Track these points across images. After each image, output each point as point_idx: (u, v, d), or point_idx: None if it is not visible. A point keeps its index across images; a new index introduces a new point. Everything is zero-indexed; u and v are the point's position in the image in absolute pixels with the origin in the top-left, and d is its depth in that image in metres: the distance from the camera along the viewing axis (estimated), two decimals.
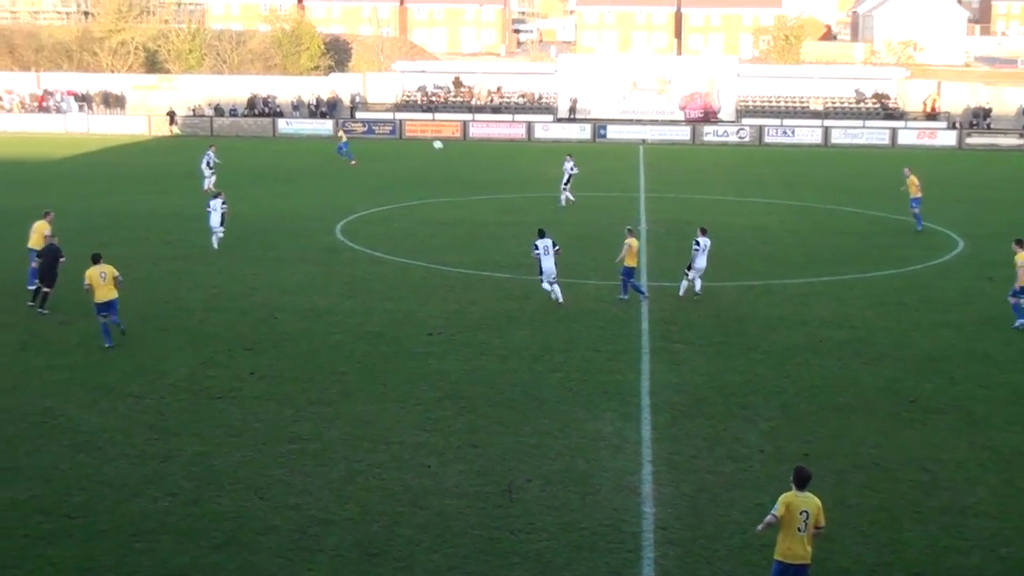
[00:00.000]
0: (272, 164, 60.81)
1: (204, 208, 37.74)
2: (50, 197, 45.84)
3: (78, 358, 24.31)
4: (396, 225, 41.87)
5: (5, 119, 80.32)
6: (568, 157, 47.94)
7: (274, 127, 78.01)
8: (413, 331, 26.65)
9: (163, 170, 57.32)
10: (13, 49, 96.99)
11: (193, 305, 29.06)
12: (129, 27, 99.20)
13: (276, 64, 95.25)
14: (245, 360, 24.23)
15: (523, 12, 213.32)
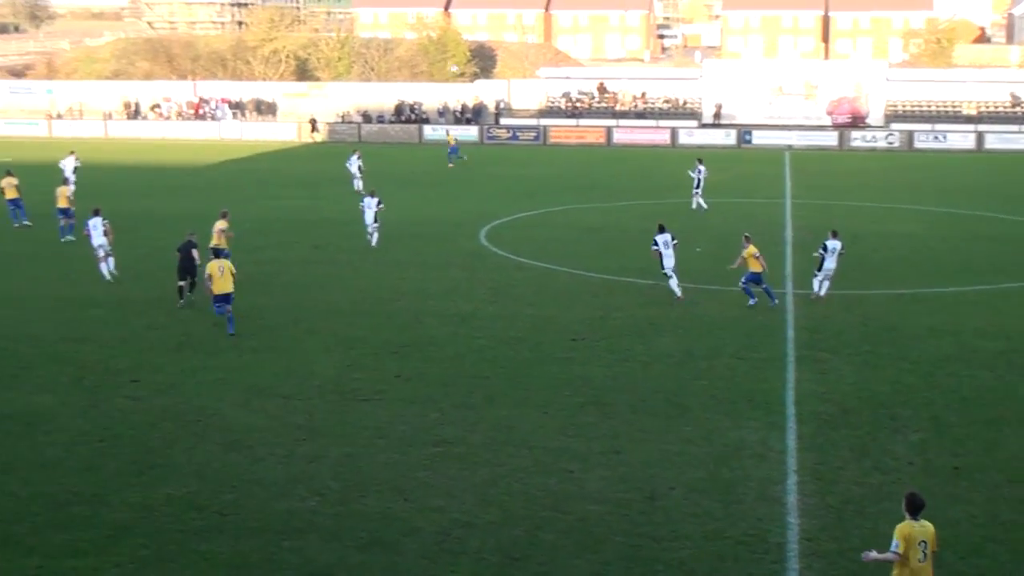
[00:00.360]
0: (418, 170, 61.59)
1: (352, 213, 38.45)
2: (203, 202, 47.21)
3: (230, 359, 24.94)
4: (540, 231, 42.01)
5: (163, 126, 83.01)
6: (698, 162, 47.63)
7: (420, 133, 78.98)
8: (556, 337, 26.70)
9: (312, 176, 58.50)
10: (172, 59, 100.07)
11: (341, 308, 29.58)
12: (281, 36, 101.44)
13: (422, 71, 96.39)
14: (391, 363, 24.56)
15: (668, 17, 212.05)
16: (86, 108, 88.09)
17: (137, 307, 29.66)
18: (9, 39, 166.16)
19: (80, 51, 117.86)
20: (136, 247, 37.86)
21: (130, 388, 22.83)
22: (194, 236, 30.32)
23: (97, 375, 23.70)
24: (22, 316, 28.84)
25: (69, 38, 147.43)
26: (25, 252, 37.64)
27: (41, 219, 43.60)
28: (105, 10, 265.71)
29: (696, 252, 37.01)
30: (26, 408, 21.61)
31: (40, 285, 32.61)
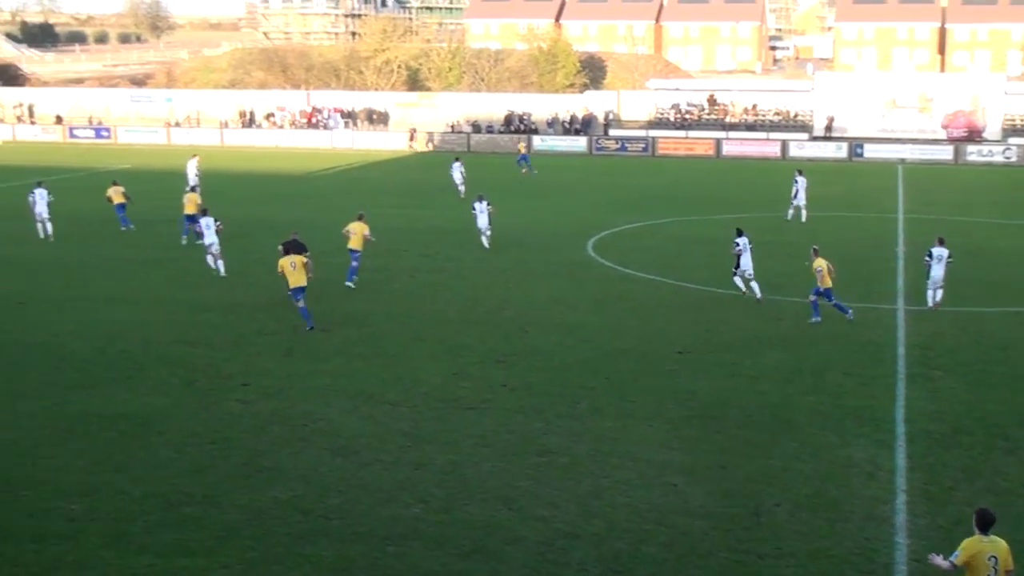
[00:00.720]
0: (526, 179, 61.74)
1: (460, 222, 38.67)
2: (315, 209, 47.88)
3: (339, 365, 25.23)
4: (647, 242, 41.82)
5: (277, 134, 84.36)
6: (798, 172, 47.30)
7: (529, 143, 79.16)
8: (662, 349, 26.54)
9: (422, 185, 58.97)
10: (286, 68, 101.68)
11: (449, 317, 29.75)
12: (393, 47, 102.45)
13: (532, 82, 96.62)
14: (497, 372, 24.63)
15: (780, 29, 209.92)
16: (203, 116, 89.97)
17: (248, 312, 30.18)
18: (131, 49, 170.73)
19: (198, 61, 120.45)
20: (249, 252, 38.51)
21: (240, 392, 23.23)
22: (297, 234, 30.95)
23: (209, 378, 24.17)
24: (138, 319, 29.52)
25: (188, 48, 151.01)
26: (141, 257, 38.51)
27: (155, 225, 44.67)
28: (223, 21, 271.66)
29: (806, 267, 36.50)
30: (141, 409, 22.10)
31: (155, 289, 33.35)
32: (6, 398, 22.87)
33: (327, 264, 36.54)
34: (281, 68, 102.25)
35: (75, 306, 31.21)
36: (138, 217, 45.63)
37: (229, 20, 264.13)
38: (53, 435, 20.70)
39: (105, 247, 40.52)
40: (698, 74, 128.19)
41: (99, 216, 45.98)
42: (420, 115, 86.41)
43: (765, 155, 74.66)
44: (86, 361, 25.53)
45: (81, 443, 20.26)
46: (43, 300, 31.95)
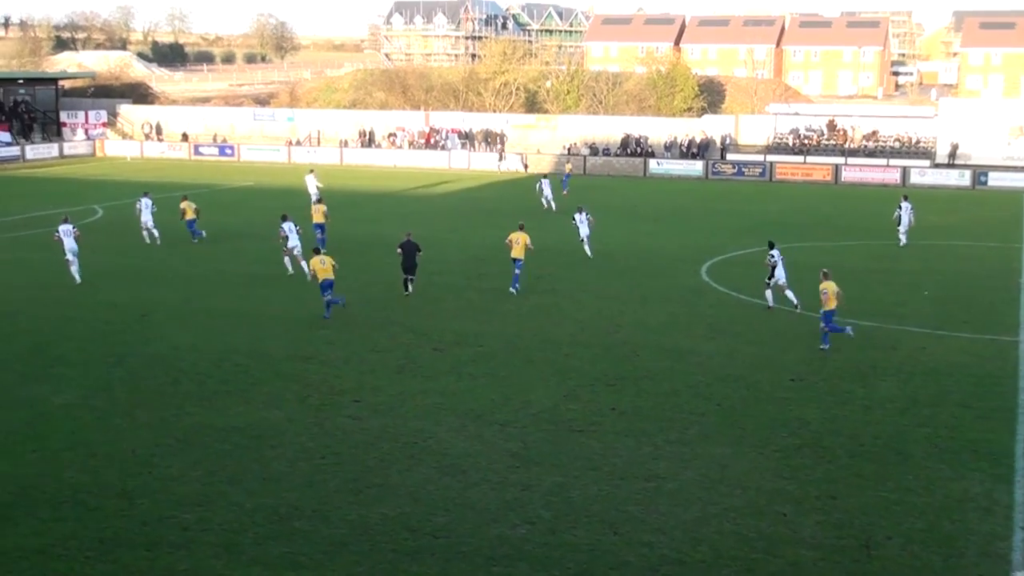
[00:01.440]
0: (641, 203, 61.54)
1: (574, 243, 38.68)
2: (430, 227, 48.26)
3: (449, 383, 25.39)
4: (762, 268, 41.27)
5: (395, 154, 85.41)
6: (903, 199, 47.21)
7: (645, 167, 78.97)
8: (774, 376, 26.21)
9: (536, 205, 59.05)
10: (406, 89, 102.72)
11: (559, 339, 29.76)
12: (512, 69, 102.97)
13: (650, 105, 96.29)
14: (607, 395, 24.56)
15: (903, 54, 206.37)
16: (323, 135, 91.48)
17: (361, 330, 30.54)
18: (256, 69, 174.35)
19: (321, 81, 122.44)
20: (365, 271, 39.00)
21: (352, 408, 23.51)
22: (411, 235, 34.72)
23: (321, 394, 24.50)
24: (255, 334, 30.07)
25: (311, 68, 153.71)
26: (260, 272, 39.19)
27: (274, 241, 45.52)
28: (346, 42, 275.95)
29: (924, 296, 35.81)
30: (255, 422, 22.49)
31: (272, 304, 33.93)
32: (126, 408, 23.47)
33: (438, 283, 36.88)
34: (401, 89, 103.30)
35: (195, 320, 31.91)
36: (256, 233, 46.52)
37: (352, 41, 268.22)
38: (170, 445, 21.17)
39: (226, 262, 41.35)
40: (818, 99, 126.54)
41: (221, 232, 46.99)
42: (538, 137, 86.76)
43: (885, 182, 73.37)
44: (203, 374, 26.07)
45: (196, 454, 20.69)
46: (164, 312, 32.74)
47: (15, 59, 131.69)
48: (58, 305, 33.85)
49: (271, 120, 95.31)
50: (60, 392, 24.63)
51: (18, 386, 25.15)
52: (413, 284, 35.05)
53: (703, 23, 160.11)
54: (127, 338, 29.64)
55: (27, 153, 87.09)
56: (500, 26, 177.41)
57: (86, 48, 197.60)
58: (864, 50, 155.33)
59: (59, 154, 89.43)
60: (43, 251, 43.22)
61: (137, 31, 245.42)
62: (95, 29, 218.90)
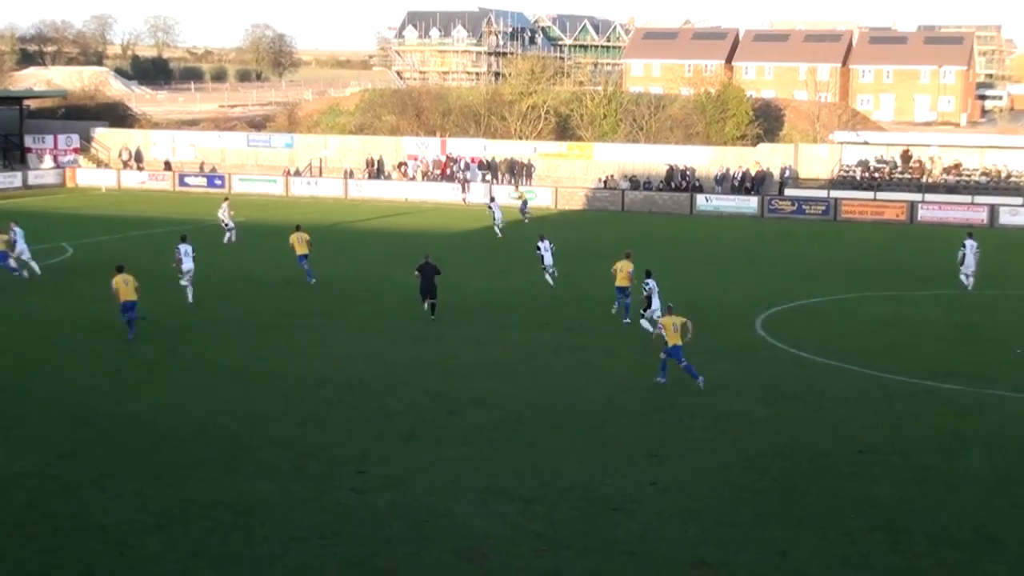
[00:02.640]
0: (687, 244, 61.57)
1: (610, 292, 38.72)
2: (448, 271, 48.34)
3: (467, 453, 25.33)
4: (825, 320, 41.25)
5: (408, 187, 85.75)
6: (968, 236, 47.73)
7: (692, 203, 79.07)
8: (840, 447, 26.05)
9: (569, 247, 59.12)
10: (420, 112, 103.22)
11: (593, 402, 29.68)
12: (541, 90, 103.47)
13: (697, 132, 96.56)
14: (647, 468, 24.45)
15: (991, 75, 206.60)
16: (326, 164, 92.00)
17: (368, 388, 30.57)
18: (250, 87, 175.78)
19: (323, 102, 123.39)
20: (373, 320, 39.13)
21: (355, 480, 23.47)
22: (430, 256, 37.55)
23: (320, 463, 24.48)
24: (245, 393, 30.12)
25: (312, 88, 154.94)
26: (253, 321, 39.37)
27: (271, 286, 45.71)
28: (352, 57, 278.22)
29: (1016, 355, 35.61)
30: (243, 496, 22.46)
31: (266, 358, 34.01)
32: (94, 476, 23.48)
33: (455, 336, 36.97)
34: (415, 112, 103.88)
35: (176, 375, 31.99)
36: (252, 277, 46.77)
37: (359, 56, 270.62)
38: (145, 522, 21.14)
39: (212, 309, 41.53)
40: (891, 126, 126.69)
41: (208, 275, 47.20)
42: (569, 168, 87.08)
43: (969, 221, 73.08)
44: (184, 439, 26.09)
45: (175, 532, 20.66)
46: (141, 367, 32.86)
47: None
48: (17, 356, 34.06)
49: (267, 146, 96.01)
50: (18, 458, 24.69)
51: None
52: (436, 308, 38.68)
53: (759, 38, 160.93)
54: (98, 396, 29.74)
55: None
56: (528, 40, 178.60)
57: (56, 63, 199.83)
58: (945, 70, 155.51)
59: (23, 184, 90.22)
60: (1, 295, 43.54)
61: (115, 44, 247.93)
62: (67, 41, 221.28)
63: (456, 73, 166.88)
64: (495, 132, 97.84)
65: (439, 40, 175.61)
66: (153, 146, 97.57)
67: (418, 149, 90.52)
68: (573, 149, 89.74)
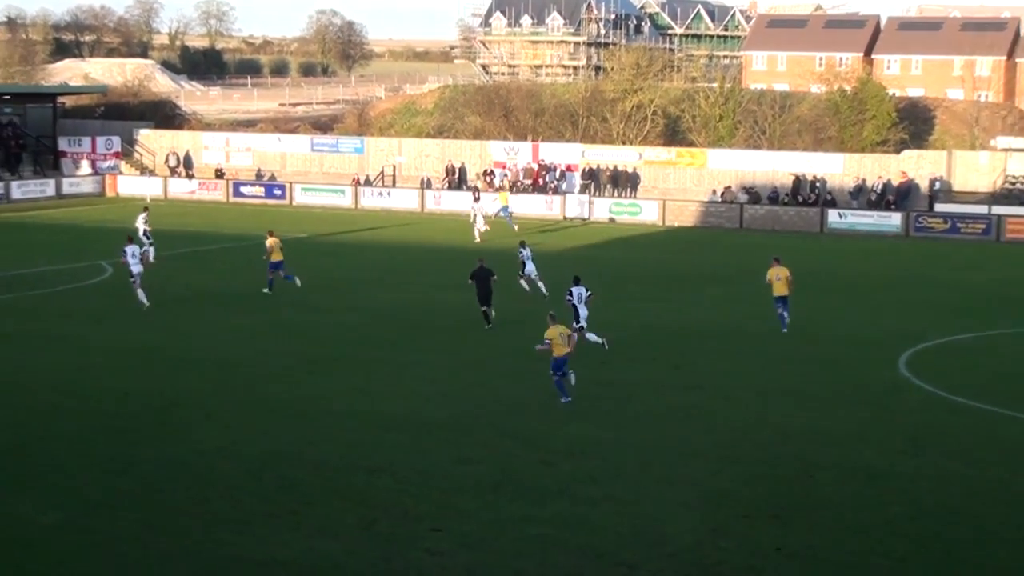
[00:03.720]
0: (817, 268, 60.97)
1: (725, 323, 38.52)
2: (535, 298, 48.48)
3: (560, 509, 25.31)
4: (983, 360, 40.75)
5: (493, 199, 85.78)
6: None
7: (822, 219, 78.46)
8: (1003, 509, 25.75)
9: (677, 270, 59.06)
10: (509, 112, 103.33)
11: (704, 451, 29.55)
12: (648, 87, 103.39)
13: (830, 136, 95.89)
14: (769, 530, 24.30)
15: None
16: (400, 172, 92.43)
17: (446, 433, 30.68)
18: (315, 83, 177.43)
19: (398, 100, 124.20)
20: (453, 353, 39.26)
21: (430, 539, 23.53)
22: (484, 261, 41.07)
23: (391, 519, 24.59)
24: (307, 435, 30.35)
25: (385, 84, 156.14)
26: (314, 355, 39.64)
27: (334, 312, 46.05)
28: (431, 48, 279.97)
29: None
30: (304, 556, 22.63)
31: (331, 397, 34.26)
32: (134, 531, 23.74)
33: (544, 375, 36.96)
34: (502, 112, 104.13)
35: (229, 415, 32.35)
36: (311, 304, 47.14)
37: (439, 47, 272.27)
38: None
39: (271, 340, 41.92)
40: None
41: (264, 301, 47.71)
42: (679, 177, 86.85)
43: None
44: (238, 488, 26.35)
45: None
46: (189, 405, 33.24)
47: (0, 68, 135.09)
48: (48, 392, 34.56)
49: (333, 151, 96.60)
50: (47, 509, 25.02)
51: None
52: (490, 317, 42.47)
53: (904, 26, 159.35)
54: (139, 438, 30.11)
55: (13, 192, 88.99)
56: (633, 30, 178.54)
57: (95, 54, 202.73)
58: None
59: (56, 193, 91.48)
60: (30, 320, 44.30)
61: (162, 33, 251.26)
62: (107, 30, 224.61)
63: (550, 67, 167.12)
64: (594, 136, 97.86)
65: (531, 29, 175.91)
66: (204, 150, 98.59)
67: (506, 155, 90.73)
68: (684, 156, 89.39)
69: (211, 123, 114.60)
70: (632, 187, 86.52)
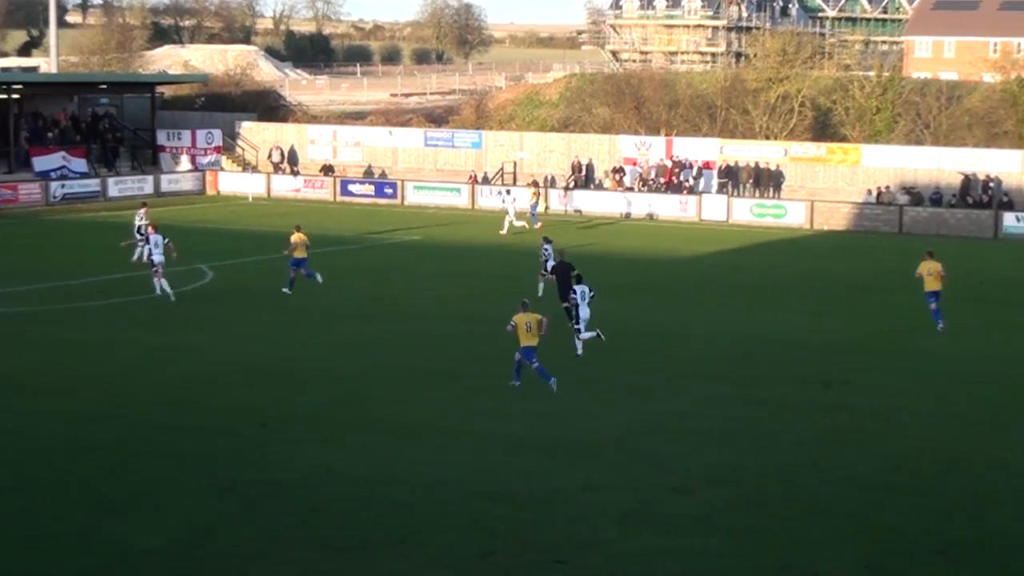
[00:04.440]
0: (992, 278, 60.08)
1: (883, 338, 38.11)
2: (673, 310, 48.31)
3: (696, 541, 25.09)
4: None
5: (624, 199, 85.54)
6: None
7: (996, 223, 77.33)
8: None
9: (828, 279, 58.47)
10: (641, 104, 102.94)
11: (867, 480, 29.19)
12: (795, 75, 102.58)
13: (1006, 131, 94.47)
14: (934, 569, 24.00)
15: None
16: (521, 169, 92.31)
17: (571, 457, 30.62)
18: (429, 71, 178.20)
19: (519, 90, 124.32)
20: (578, 369, 39.17)
21: (553, 572, 23.52)
22: (565, 254, 43.42)
23: (511, 549, 24.59)
24: (423, 456, 30.44)
25: (506, 72, 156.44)
26: (432, 368, 39.86)
27: (452, 321, 46.18)
28: (556, 33, 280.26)
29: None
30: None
31: (449, 415, 34.41)
32: (237, 557, 23.95)
33: (683, 390, 36.84)
34: (633, 103, 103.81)
35: (337, 433, 32.57)
36: (425, 312, 47.28)
37: (564, 33, 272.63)
38: None
39: (379, 352, 42.14)
40: None
41: (377, 309, 48.02)
42: (829, 175, 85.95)
43: None
44: (346, 513, 26.48)
45: None
46: (293, 421, 33.53)
47: (96, 55, 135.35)
48: (148, 407, 35.00)
49: (449, 146, 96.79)
50: (146, 533, 25.29)
51: (88, 521, 26.01)
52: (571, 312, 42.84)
53: None
54: (241, 457, 30.42)
55: (110, 189, 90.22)
56: (779, 13, 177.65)
57: (195, 40, 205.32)
58: None
59: (154, 190, 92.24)
60: (131, 329, 44.91)
61: (266, 17, 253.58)
62: (208, 14, 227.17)
63: (686, 54, 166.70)
64: (734, 130, 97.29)
65: (666, 12, 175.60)
66: (310, 145, 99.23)
67: (637, 151, 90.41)
68: (835, 152, 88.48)
69: (317, 115, 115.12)
70: (776, 186, 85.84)
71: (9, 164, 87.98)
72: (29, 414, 33.95)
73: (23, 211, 72.60)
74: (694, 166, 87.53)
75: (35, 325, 45.60)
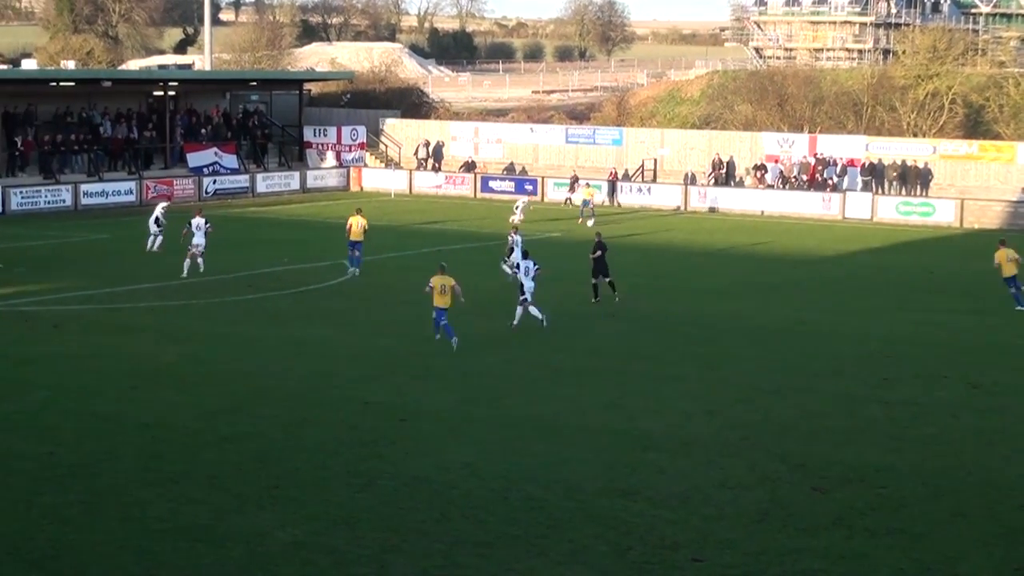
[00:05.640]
0: None
1: None
2: (811, 308, 47.92)
3: (835, 541, 24.86)
4: None
5: (766, 197, 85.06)
6: None
7: None
8: None
9: (974, 278, 57.61)
10: (784, 100, 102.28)
11: (1009, 483, 28.73)
12: (946, 72, 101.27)
13: None
14: None
15: None
16: (662, 166, 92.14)
17: (708, 455, 30.50)
18: (571, 68, 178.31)
19: (661, 87, 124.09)
20: (716, 367, 39.08)
21: (690, 570, 23.42)
22: (600, 235, 47.38)
23: (647, 546, 24.53)
24: (558, 454, 30.46)
25: (648, 69, 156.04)
26: (565, 365, 39.83)
27: (586, 319, 46.17)
28: (699, 30, 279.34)
29: None
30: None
31: (585, 412, 34.41)
32: (375, 550, 24.06)
33: (821, 390, 36.55)
34: (777, 100, 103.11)
35: (473, 429, 32.67)
36: (562, 307, 47.26)
37: (707, 30, 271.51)
38: None
39: (520, 349, 42.20)
40: None
41: (511, 307, 48.11)
42: (980, 173, 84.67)
43: None
44: (481, 508, 26.57)
45: None
46: (432, 417, 33.69)
47: (247, 52, 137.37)
48: (291, 401, 35.36)
49: (590, 143, 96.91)
50: (288, 524, 25.53)
51: (233, 512, 26.31)
52: (615, 286, 48.26)
53: None
54: (380, 451, 30.62)
55: (258, 185, 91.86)
56: (930, 8, 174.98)
57: (342, 38, 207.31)
58: None
59: (300, 187, 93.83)
60: (276, 325, 45.45)
61: (411, 15, 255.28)
62: (355, 12, 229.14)
63: (832, 50, 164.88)
64: (880, 127, 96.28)
65: (812, 8, 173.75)
66: (452, 141, 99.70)
67: (780, 148, 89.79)
68: (988, 150, 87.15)
69: (459, 112, 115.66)
70: (923, 184, 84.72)
71: (165, 159, 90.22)
72: (170, 405, 34.46)
73: (177, 206, 73.64)
74: (838, 163, 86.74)
75: (186, 319, 46.46)
